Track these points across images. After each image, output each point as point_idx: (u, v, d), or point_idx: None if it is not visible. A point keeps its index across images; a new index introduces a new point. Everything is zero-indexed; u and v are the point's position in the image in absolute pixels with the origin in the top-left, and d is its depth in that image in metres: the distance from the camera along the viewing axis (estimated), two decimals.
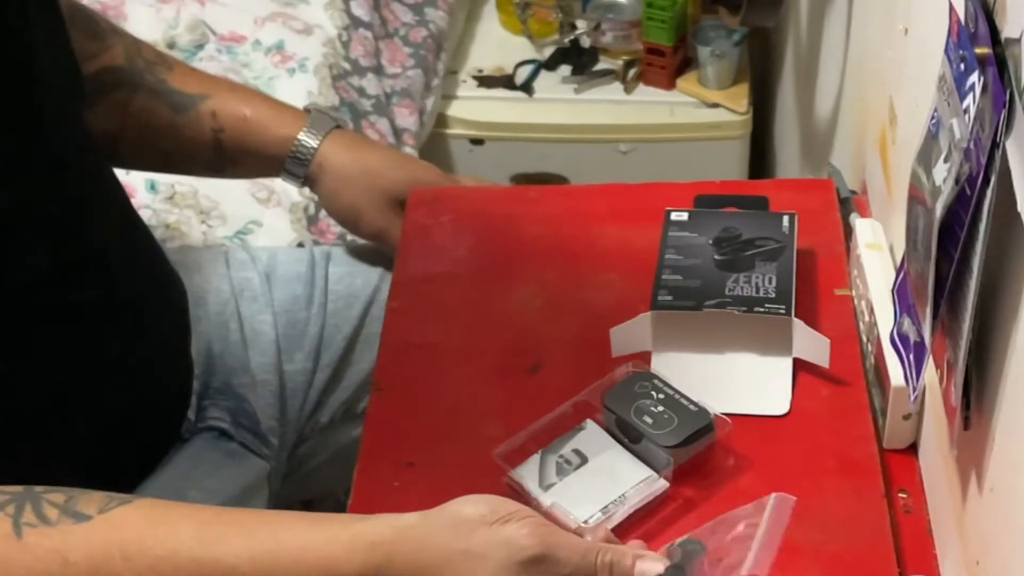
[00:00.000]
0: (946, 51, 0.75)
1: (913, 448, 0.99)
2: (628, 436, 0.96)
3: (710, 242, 1.08)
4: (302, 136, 1.18)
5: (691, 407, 0.96)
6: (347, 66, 1.78)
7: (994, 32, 0.68)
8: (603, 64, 2.07)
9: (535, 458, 0.95)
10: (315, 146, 1.18)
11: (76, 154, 0.98)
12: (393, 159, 1.23)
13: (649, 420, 0.95)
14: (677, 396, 0.96)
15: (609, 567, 0.79)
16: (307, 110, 1.23)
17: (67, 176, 0.96)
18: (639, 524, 0.93)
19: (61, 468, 0.88)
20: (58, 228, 0.94)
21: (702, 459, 0.96)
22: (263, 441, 1.13)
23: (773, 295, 1.03)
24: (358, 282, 1.24)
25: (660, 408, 0.96)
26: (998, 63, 0.67)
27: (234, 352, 1.16)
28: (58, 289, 0.94)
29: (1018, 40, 0.66)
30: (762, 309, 1.02)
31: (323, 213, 1.65)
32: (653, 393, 0.97)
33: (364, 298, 1.23)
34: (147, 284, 1.07)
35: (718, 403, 0.98)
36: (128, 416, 1.03)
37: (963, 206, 0.71)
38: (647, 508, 0.93)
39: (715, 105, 2.00)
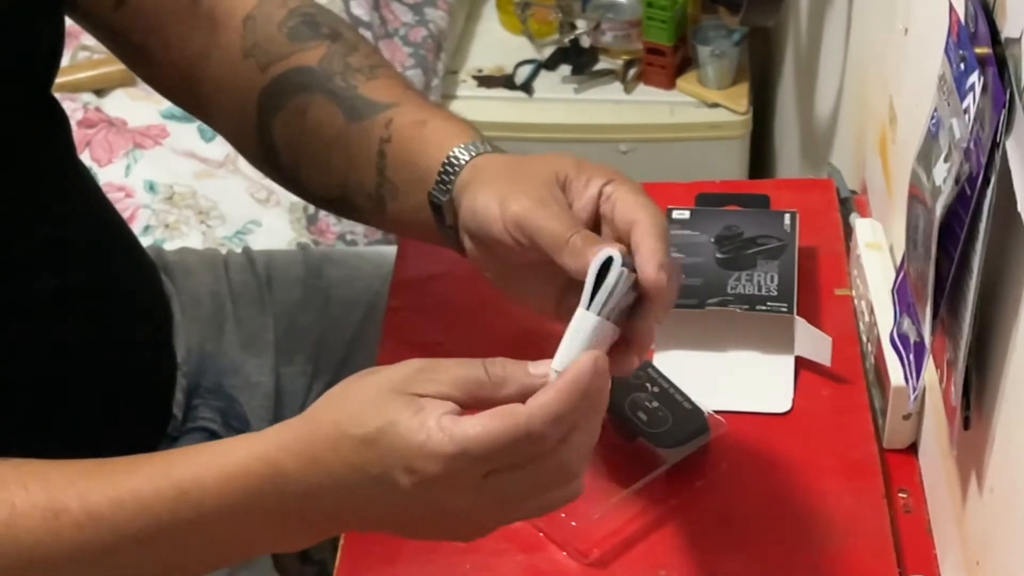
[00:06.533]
0: (946, 51, 0.75)
1: (913, 448, 0.99)
2: (622, 433, 0.95)
3: (712, 240, 1.08)
4: (471, 143, 0.92)
5: (685, 404, 0.95)
6: None
7: (994, 32, 0.68)
8: (603, 64, 2.07)
9: None
10: (467, 159, 0.90)
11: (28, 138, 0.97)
12: (554, 154, 0.90)
13: (644, 417, 0.95)
14: (671, 391, 0.96)
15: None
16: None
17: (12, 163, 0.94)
18: (635, 520, 0.93)
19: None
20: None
21: (700, 458, 0.96)
22: None
23: (775, 293, 1.03)
24: (359, 285, 1.24)
25: (655, 404, 0.95)
26: (998, 63, 0.67)
27: (227, 353, 1.16)
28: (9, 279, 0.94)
29: (1018, 40, 0.66)
30: (764, 307, 1.02)
31: (323, 213, 1.65)
32: (648, 385, 0.96)
33: (365, 301, 1.23)
34: (114, 270, 1.06)
35: (720, 401, 0.98)
36: (105, 409, 1.03)
37: (963, 206, 0.71)
38: (644, 504, 0.93)
39: (715, 105, 2.00)
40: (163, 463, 0.75)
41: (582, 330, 0.73)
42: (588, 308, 0.73)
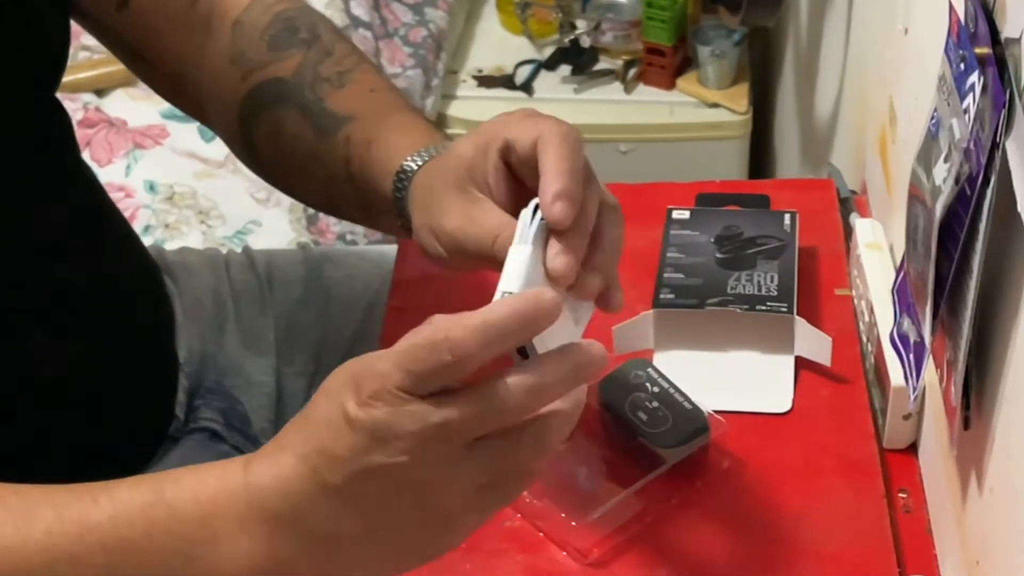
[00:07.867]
0: (946, 51, 0.75)
1: (913, 448, 0.99)
2: (622, 433, 0.95)
3: (712, 240, 1.08)
4: (407, 161, 0.89)
5: (686, 404, 0.95)
6: None
7: (994, 32, 0.68)
8: (603, 64, 2.08)
9: None
10: (408, 179, 0.88)
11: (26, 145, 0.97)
12: (459, 144, 0.85)
13: (644, 416, 0.95)
14: (672, 391, 0.96)
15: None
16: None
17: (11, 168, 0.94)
18: (635, 520, 0.93)
19: (39, 463, 0.87)
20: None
21: (700, 458, 0.96)
22: (254, 443, 1.13)
23: (775, 293, 1.03)
24: (358, 284, 1.24)
25: (655, 404, 0.95)
26: (998, 63, 0.67)
27: (228, 353, 1.16)
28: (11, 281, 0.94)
29: (1018, 40, 0.66)
30: (764, 307, 1.02)
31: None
32: (648, 385, 0.96)
33: (365, 300, 1.23)
34: (116, 270, 1.06)
35: (720, 401, 0.98)
36: (107, 410, 1.03)
37: (963, 206, 0.71)
38: (644, 504, 0.93)
39: (715, 105, 2.00)
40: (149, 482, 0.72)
41: (518, 260, 0.75)
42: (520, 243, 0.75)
